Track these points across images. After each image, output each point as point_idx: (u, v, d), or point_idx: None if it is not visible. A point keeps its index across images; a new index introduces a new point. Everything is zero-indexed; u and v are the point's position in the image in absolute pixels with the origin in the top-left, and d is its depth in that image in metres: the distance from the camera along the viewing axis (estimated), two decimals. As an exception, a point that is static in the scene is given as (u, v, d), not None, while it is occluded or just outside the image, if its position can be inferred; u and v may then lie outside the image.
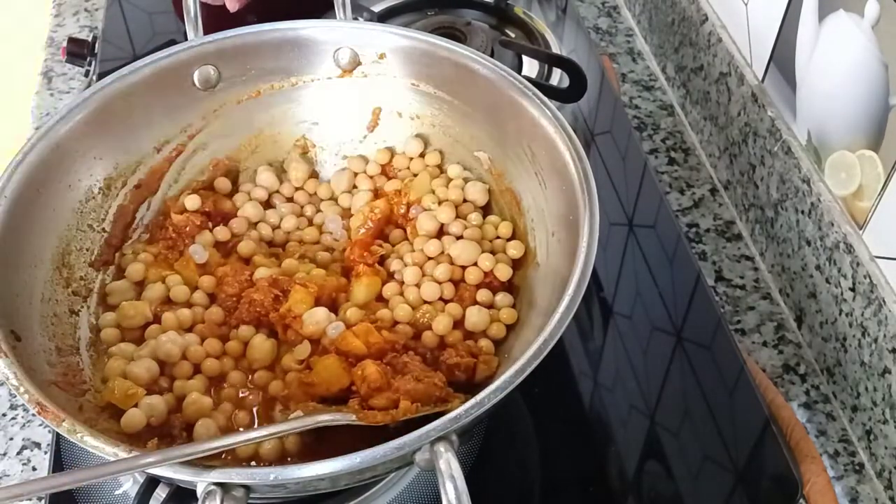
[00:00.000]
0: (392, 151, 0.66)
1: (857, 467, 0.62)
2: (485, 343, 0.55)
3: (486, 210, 0.64)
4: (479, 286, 0.59)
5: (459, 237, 0.61)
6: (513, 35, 0.89)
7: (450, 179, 0.64)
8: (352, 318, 0.55)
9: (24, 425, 0.63)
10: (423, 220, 0.61)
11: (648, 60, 0.94)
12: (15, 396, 0.63)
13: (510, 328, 0.57)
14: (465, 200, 0.63)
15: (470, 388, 0.52)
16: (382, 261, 0.60)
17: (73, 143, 0.56)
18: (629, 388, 0.63)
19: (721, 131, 0.80)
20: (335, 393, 0.51)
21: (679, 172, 0.82)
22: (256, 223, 0.64)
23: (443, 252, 0.60)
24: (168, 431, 0.50)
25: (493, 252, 0.60)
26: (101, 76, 0.75)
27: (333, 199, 0.66)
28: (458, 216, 0.62)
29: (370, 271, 0.58)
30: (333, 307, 0.57)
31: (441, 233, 0.61)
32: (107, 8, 0.95)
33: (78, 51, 0.86)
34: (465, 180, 0.64)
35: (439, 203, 0.62)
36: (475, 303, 0.58)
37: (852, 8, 0.60)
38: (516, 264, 0.60)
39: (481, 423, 0.59)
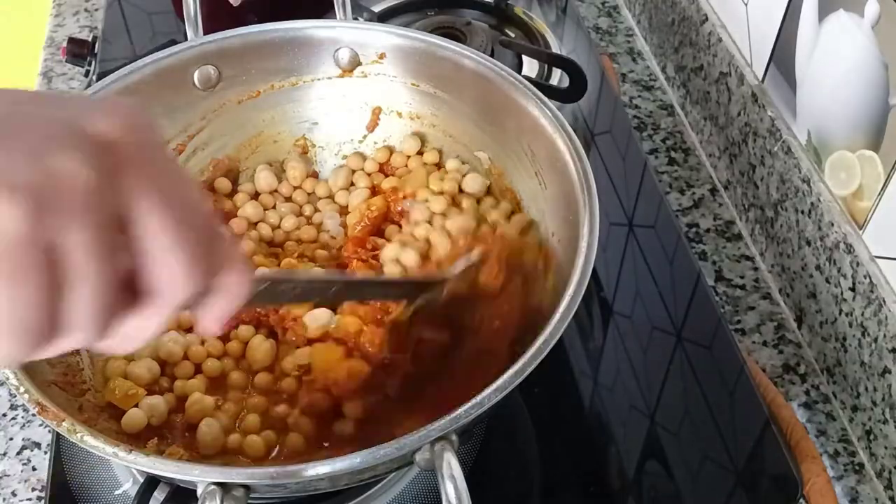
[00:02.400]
0: (391, 150, 0.66)
1: (857, 467, 0.62)
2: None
3: (485, 209, 0.63)
4: None
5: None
6: (513, 35, 0.89)
7: (446, 172, 0.64)
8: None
9: (24, 425, 0.63)
10: (416, 209, 0.60)
11: (648, 60, 0.94)
12: (15, 396, 0.63)
13: (510, 328, 0.57)
14: (461, 191, 0.62)
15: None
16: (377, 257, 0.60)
17: (74, 143, 0.56)
18: (629, 388, 0.63)
19: (721, 131, 0.80)
20: (335, 392, 0.51)
21: (679, 172, 0.82)
22: (256, 223, 0.64)
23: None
24: (169, 431, 0.50)
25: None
26: (101, 76, 0.75)
27: (331, 196, 0.66)
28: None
29: (364, 266, 0.58)
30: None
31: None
32: (107, 8, 0.95)
33: (78, 51, 0.86)
34: (462, 174, 0.63)
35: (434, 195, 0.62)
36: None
37: (852, 8, 0.60)
38: (516, 264, 0.60)
39: (481, 423, 0.59)
